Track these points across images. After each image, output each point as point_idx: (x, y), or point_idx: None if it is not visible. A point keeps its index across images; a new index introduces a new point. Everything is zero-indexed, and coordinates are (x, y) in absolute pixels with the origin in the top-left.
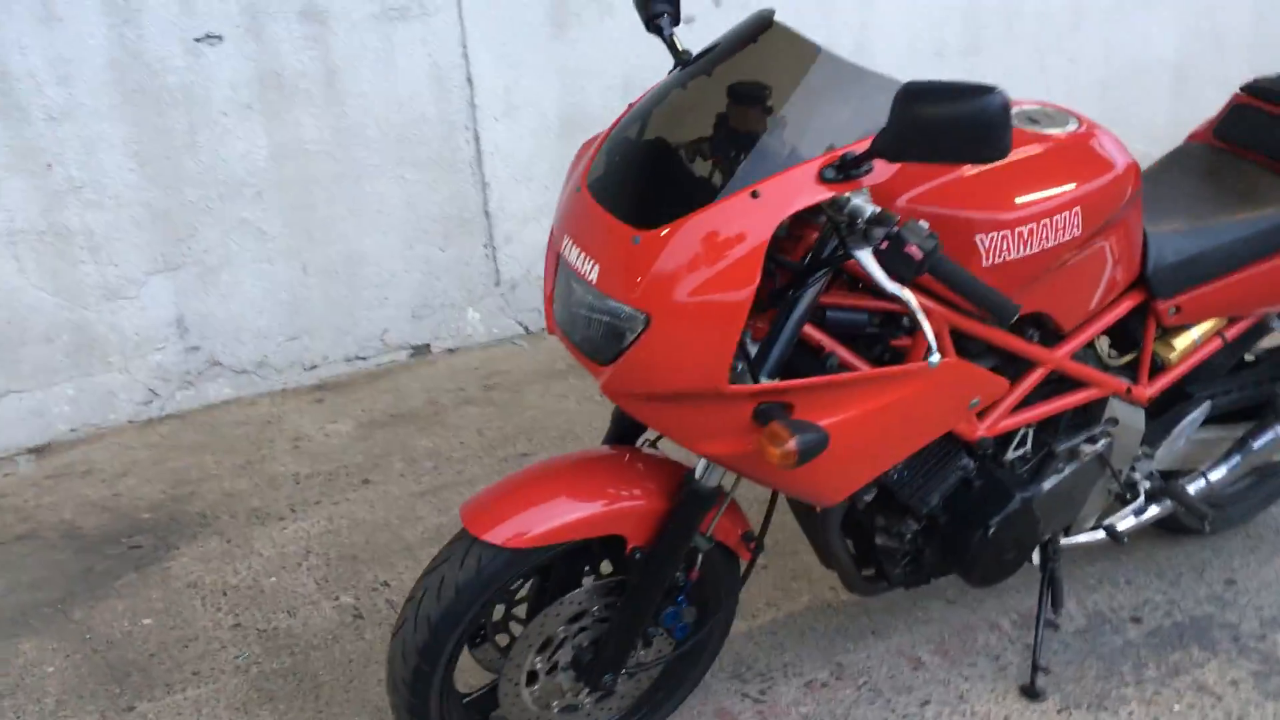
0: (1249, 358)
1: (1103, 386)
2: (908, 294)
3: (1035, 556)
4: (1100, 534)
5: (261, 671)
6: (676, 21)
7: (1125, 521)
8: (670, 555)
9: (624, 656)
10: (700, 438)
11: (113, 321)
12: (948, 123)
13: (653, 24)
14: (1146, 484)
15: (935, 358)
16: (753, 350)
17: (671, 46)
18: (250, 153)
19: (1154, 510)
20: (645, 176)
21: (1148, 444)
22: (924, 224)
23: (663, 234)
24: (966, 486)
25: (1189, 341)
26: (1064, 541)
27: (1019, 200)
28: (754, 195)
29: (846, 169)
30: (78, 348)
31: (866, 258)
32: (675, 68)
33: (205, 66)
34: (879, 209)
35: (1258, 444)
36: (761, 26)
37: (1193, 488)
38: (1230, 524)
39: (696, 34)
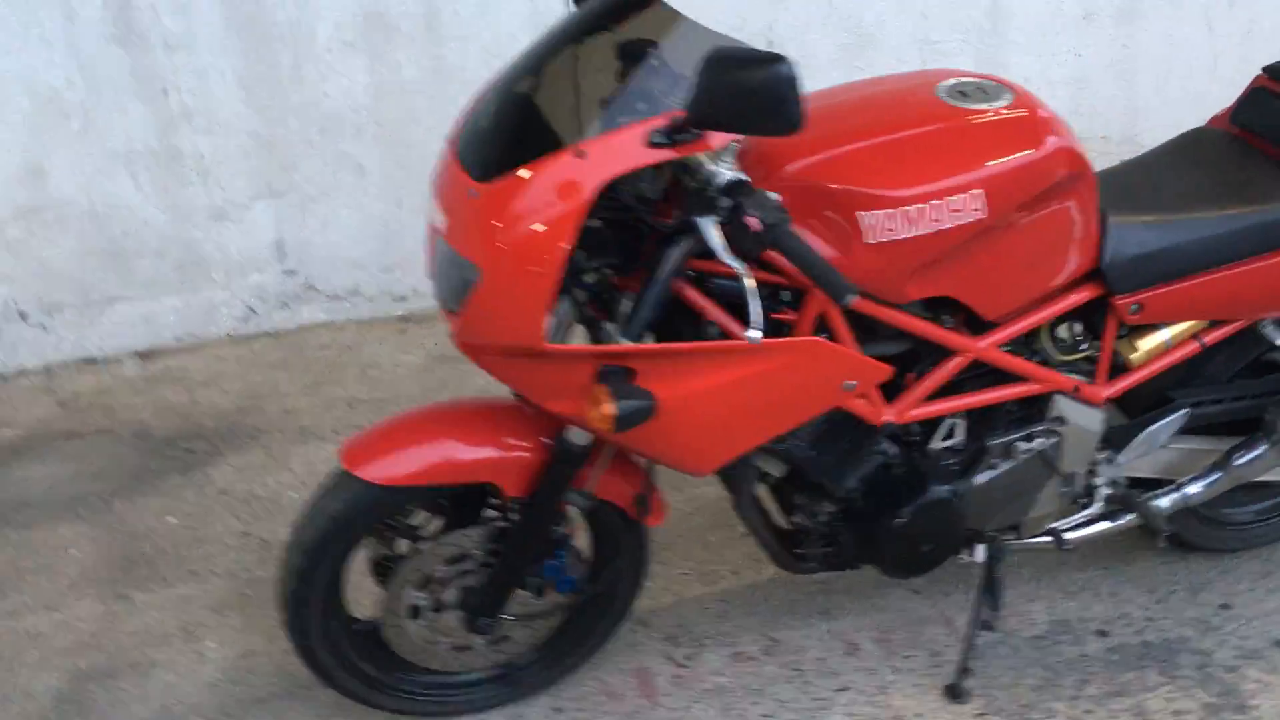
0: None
1: (1043, 383)
2: (742, 267)
3: (980, 554)
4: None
5: (249, 578)
6: None
7: (1076, 528)
8: (541, 509)
9: (499, 603)
10: (547, 395)
11: (218, 241)
12: (740, 92)
13: None
14: (1107, 490)
15: (754, 334)
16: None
17: None
18: (351, 89)
19: (1118, 520)
20: (492, 131)
21: (1113, 448)
22: (774, 196)
23: (494, 188)
24: (887, 472)
25: (1157, 343)
26: (1017, 543)
27: (909, 178)
28: (579, 154)
29: (673, 134)
30: (185, 263)
31: (708, 225)
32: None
33: (311, 2)
34: (734, 176)
35: (1240, 461)
36: None
37: (1167, 500)
38: (1248, 545)
39: None
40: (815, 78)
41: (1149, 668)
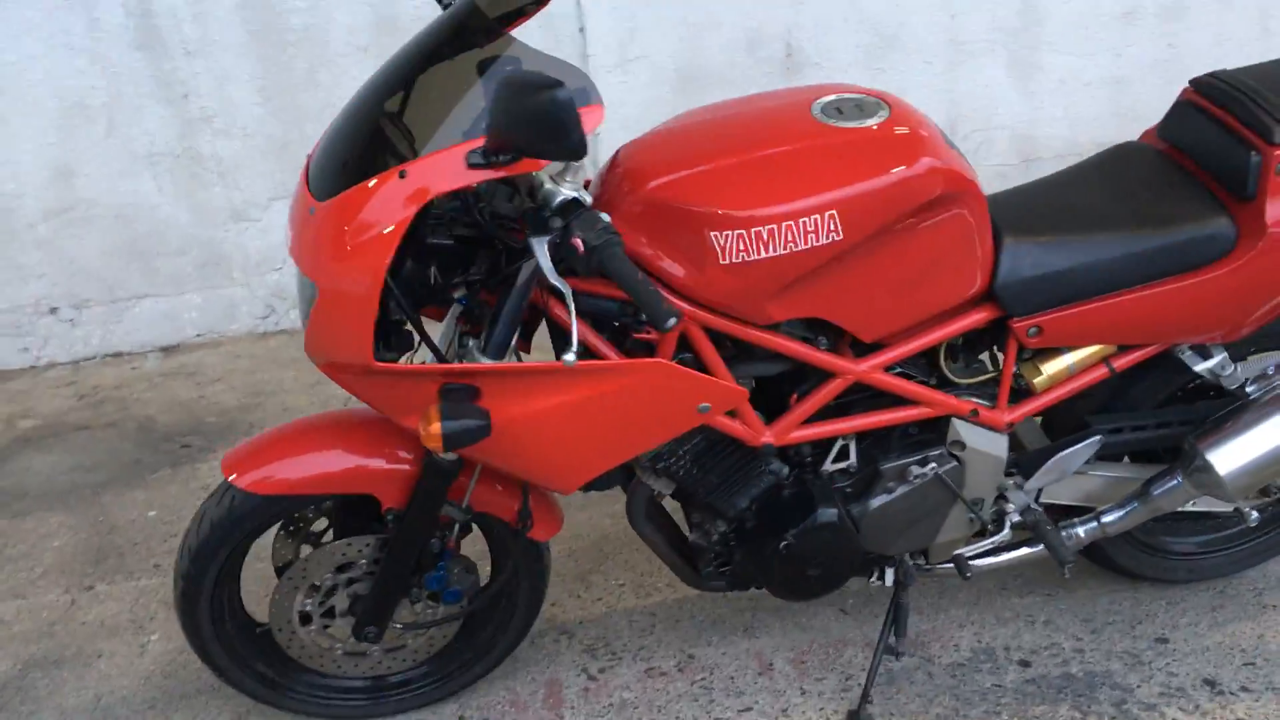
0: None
1: (934, 406)
2: (566, 288)
3: (889, 579)
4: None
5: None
6: None
7: (982, 555)
8: (415, 522)
9: (383, 612)
10: (398, 411)
11: (237, 241)
12: (523, 117)
13: None
14: (1016, 517)
15: (569, 357)
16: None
17: None
18: None
19: (1033, 548)
20: (334, 152)
21: (1023, 474)
22: (604, 217)
23: (327, 207)
24: (777, 493)
25: (1061, 367)
26: (925, 569)
27: (762, 198)
28: (401, 176)
29: (489, 156)
30: (206, 262)
31: (540, 245)
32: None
33: (325, 8)
34: (567, 197)
35: (1156, 491)
36: (467, 9)
37: (1083, 529)
38: (1200, 577)
39: None
40: (835, 80)
41: (1063, 701)
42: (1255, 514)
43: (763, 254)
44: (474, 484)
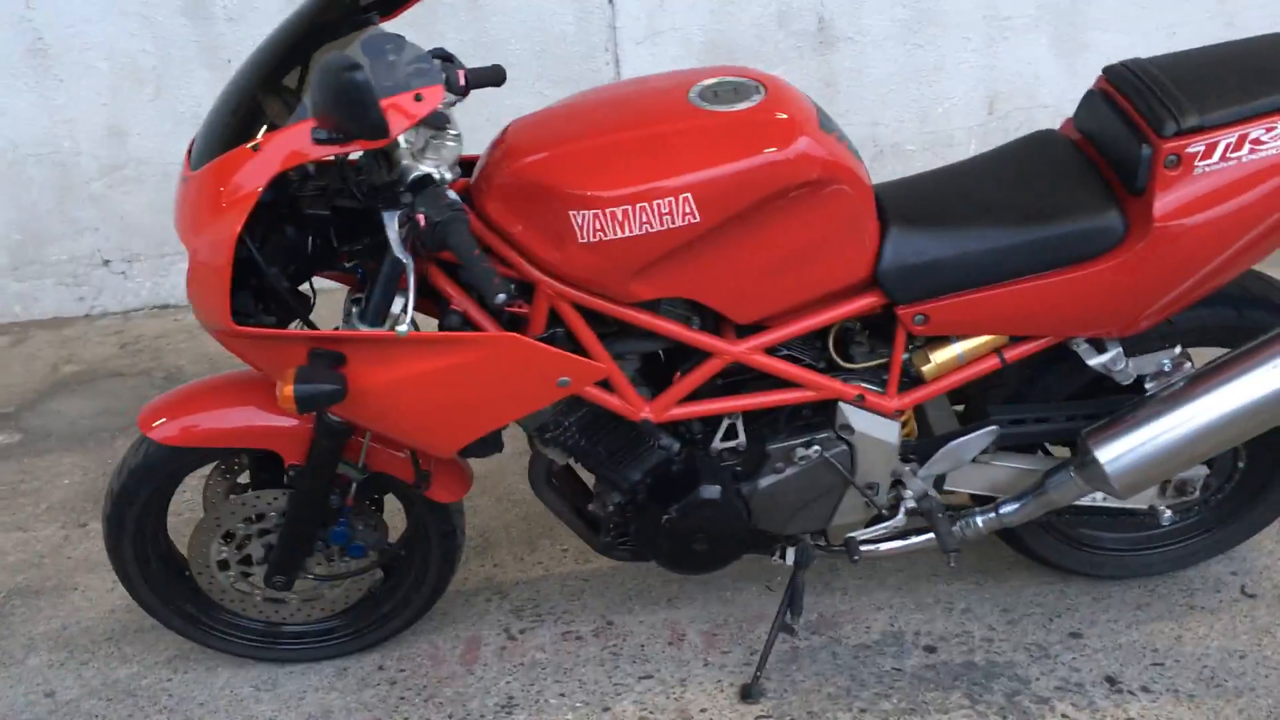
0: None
1: (817, 389)
2: (409, 261)
3: (790, 558)
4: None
5: (192, 518)
6: None
7: (875, 540)
8: (312, 478)
9: (290, 563)
10: (273, 372)
11: None
12: (328, 97)
13: None
14: (911, 504)
15: (401, 329)
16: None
17: None
18: None
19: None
20: (210, 123)
21: (918, 461)
22: (451, 194)
23: (195, 176)
24: (667, 468)
25: (949, 356)
26: (825, 548)
27: (618, 180)
28: (254, 148)
29: (333, 132)
30: None
31: (389, 219)
32: None
33: None
34: (423, 172)
35: (1050, 485)
36: None
37: (981, 519)
38: (1131, 574)
39: None
40: (868, 56)
41: (957, 690)
42: (1169, 513)
43: (619, 234)
44: (367, 444)
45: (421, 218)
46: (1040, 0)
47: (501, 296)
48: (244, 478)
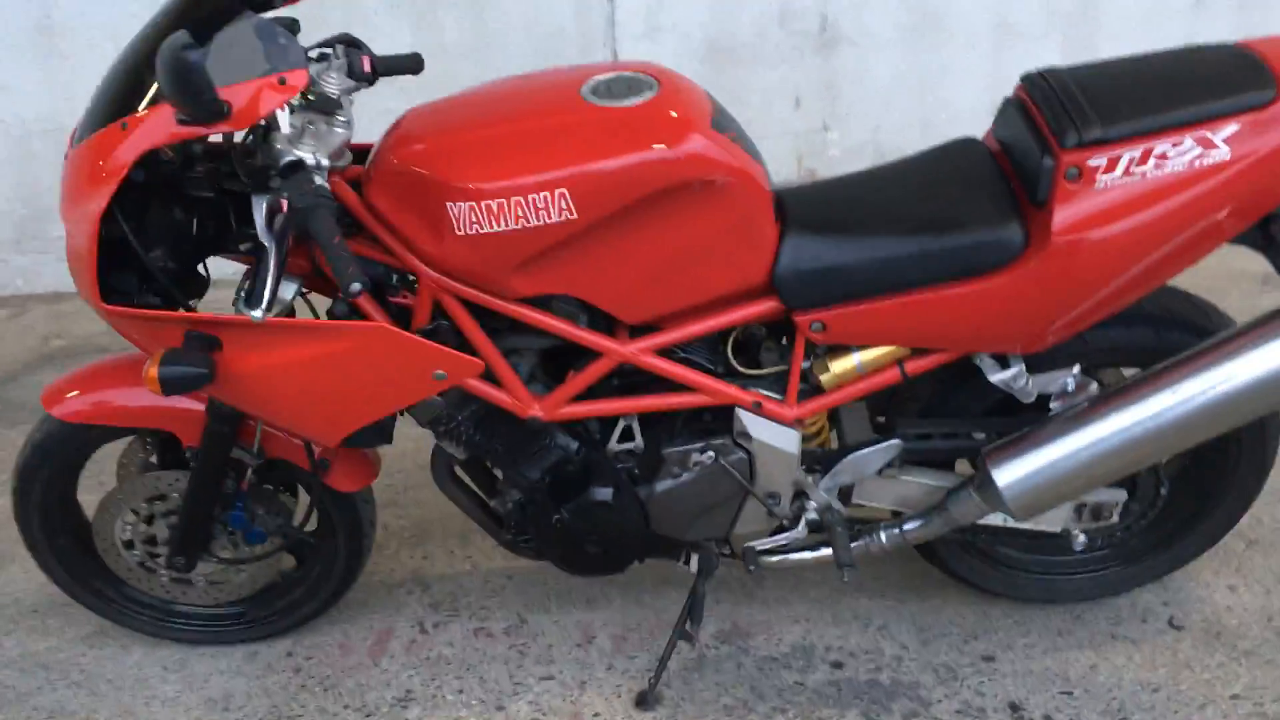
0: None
1: (711, 394)
2: (272, 245)
3: (694, 565)
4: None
5: None
6: None
7: (771, 550)
8: (205, 461)
9: (189, 546)
10: (152, 353)
11: None
12: (165, 77)
13: None
14: (813, 515)
15: (257, 314)
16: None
17: None
18: (395, 50)
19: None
20: (93, 101)
21: (819, 472)
22: (318, 180)
23: (73, 153)
24: (563, 468)
25: (849, 366)
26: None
27: (494, 173)
28: (123, 127)
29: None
30: None
31: (258, 203)
32: None
33: None
34: (294, 158)
35: (951, 503)
36: None
37: (886, 535)
38: (1059, 599)
39: None
40: (871, 59)
41: (855, 708)
42: (1083, 538)
43: (494, 228)
44: (261, 429)
45: (284, 203)
46: (1051, 7)
47: (355, 287)
48: (155, 458)
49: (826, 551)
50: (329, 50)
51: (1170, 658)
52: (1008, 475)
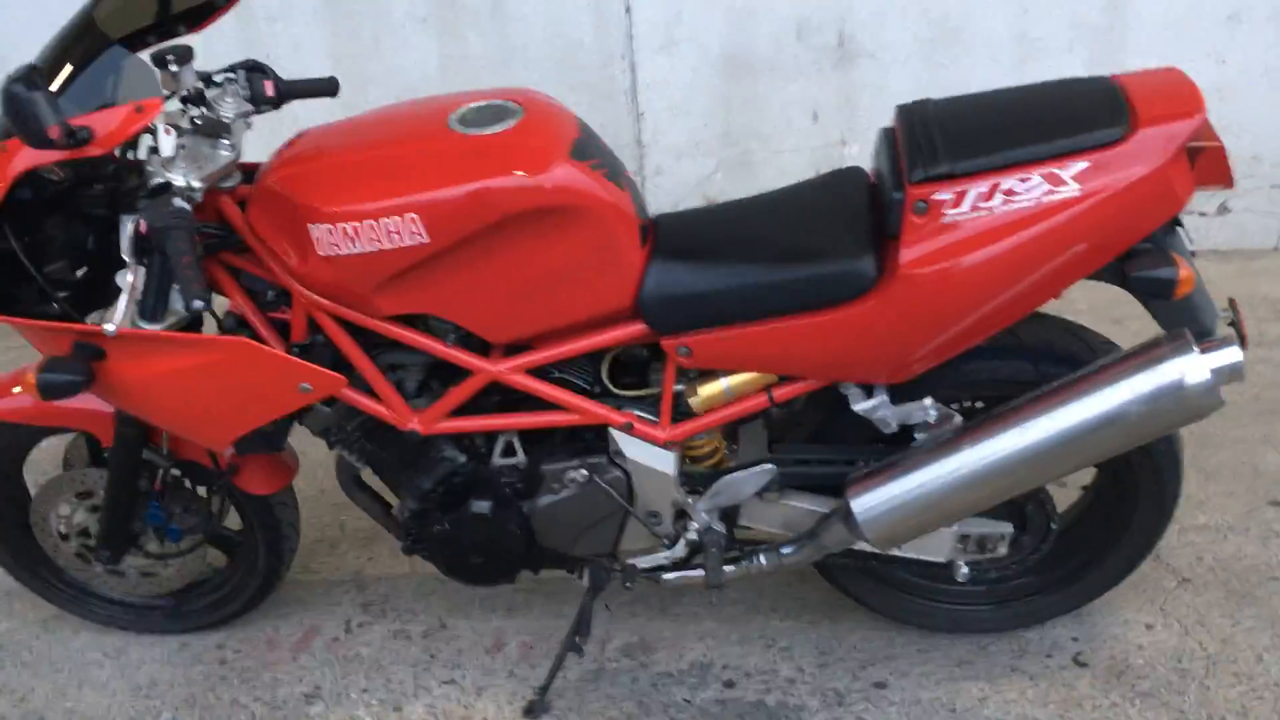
0: None
1: (583, 414)
2: (133, 265)
3: (586, 579)
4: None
5: None
6: None
7: (651, 568)
8: (117, 461)
9: (113, 541)
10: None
11: None
12: (5, 107)
13: None
14: (692, 536)
15: (109, 328)
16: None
17: None
18: (423, 62)
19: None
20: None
21: (696, 493)
22: (177, 203)
23: None
24: (450, 480)
25: (717, 390)
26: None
27: (351, 196)
28: (3, 149)
29: (65, 136)
30: None
31: (124, 223)
32: None
33: None
34: (161, 180)
35: (820, 528)
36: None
37: (765, 557)
38: (962, 629)
39: None
40: (890, 73)
41: None
42: (965, 569)
43: (351, 250)
44: (167, 433)
45: (143, 224)
46: (1075, 20)
47: (198, 304)
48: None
49: (690, 572)
50: (233, 75)
51: (1064, 694)
52: (864, 505)
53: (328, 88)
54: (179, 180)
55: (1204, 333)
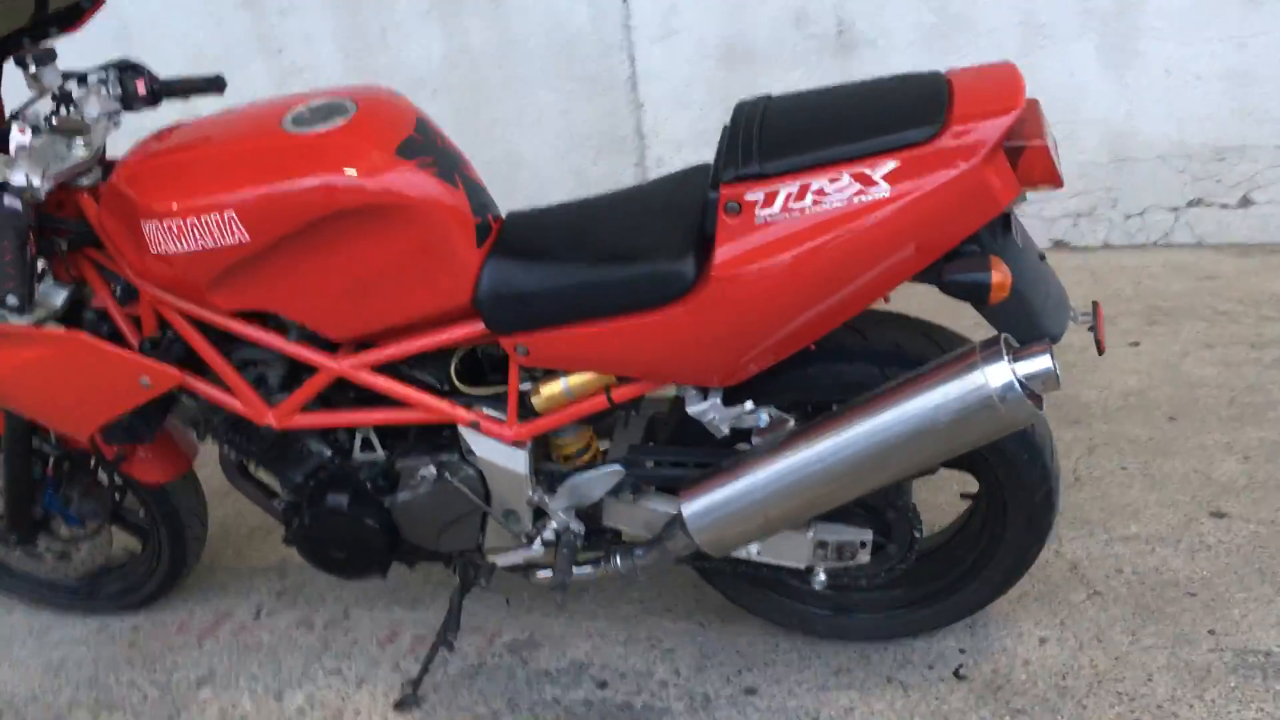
0: None
1: (427, 411)
2: None
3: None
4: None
5: None
6: None
7: (513, 566)
8: (7, 450)
9: (18, 525)
10: None
11: None
12: None
13: None
14: (548, 534)
15: None
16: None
17: None
18: (428, 54)
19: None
20: None
21: (549, 492)
22: (7, 200)
23: None
24: (316, 474)
25: (557, 390)
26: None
27: (176, 194)
28: None
29: None
30: None
31: None
32: None
33: None
34: (1, 179)
35: (664, 533)
36: None
37: (620, 559)
38: (845, 636)
39: None
40: (891, 62)
41: None
42: (823, 576)
43: (178, 248)
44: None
45: None
46: (1086, 6)
47: (11, 300)
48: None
49: (593, 570)
50: (103, 75)
51: (933, 708)
52: (692, 509)
53: (214, 85)
54: (18, 179)
55: (1036, 338)
